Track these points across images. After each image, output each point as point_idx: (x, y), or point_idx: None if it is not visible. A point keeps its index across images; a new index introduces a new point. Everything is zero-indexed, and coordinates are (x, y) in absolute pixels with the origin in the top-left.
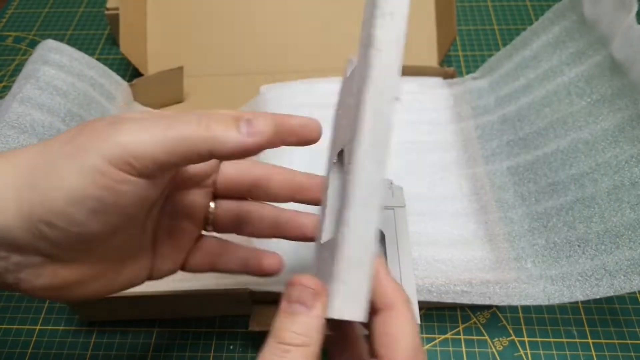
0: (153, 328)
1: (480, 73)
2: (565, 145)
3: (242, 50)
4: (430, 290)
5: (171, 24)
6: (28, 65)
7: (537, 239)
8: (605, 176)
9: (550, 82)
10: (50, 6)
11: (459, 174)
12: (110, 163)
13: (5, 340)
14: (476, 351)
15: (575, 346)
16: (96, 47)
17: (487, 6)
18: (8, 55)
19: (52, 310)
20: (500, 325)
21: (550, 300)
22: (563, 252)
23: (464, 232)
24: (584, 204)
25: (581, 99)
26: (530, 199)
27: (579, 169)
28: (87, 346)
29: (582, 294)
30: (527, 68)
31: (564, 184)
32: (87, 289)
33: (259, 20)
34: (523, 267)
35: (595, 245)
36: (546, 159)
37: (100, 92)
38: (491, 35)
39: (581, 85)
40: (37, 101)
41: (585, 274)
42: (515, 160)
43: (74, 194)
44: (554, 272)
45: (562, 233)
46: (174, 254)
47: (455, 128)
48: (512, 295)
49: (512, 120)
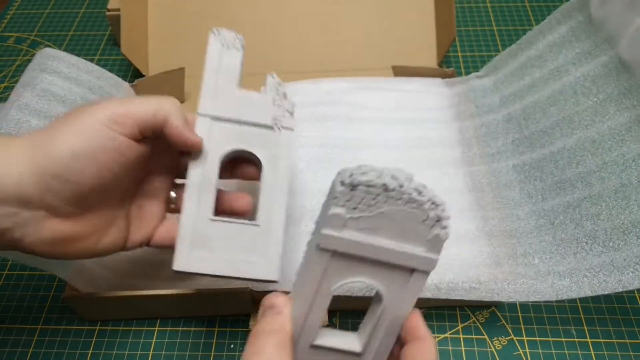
0: (154, 327)
1: (484, 72)
2: (571, 143)
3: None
4: (438, 287)
5: (172, 25)
6: (26, 74)
7: (544, 235)
8: (612, 174)
9: (556, 82)
10: (52, 7)
11: (464, 171)
12: (102, 123)
13: (7, 339)
14: (475, 350)
15: (574, 345)
16: (97, 48)
17: (486, 7)
18: (9, 56)
19: (53, 309)
20: (500, 325)
21: (558, 295)
22: (570, 249)
23: (471, 227)
24: (591, 201)
25: (587, 98)
26: (536, 197)
27: (585, 167)
28: (88, 345)
29: (591, 289)
30: (532, 67)
31: (571, 182)
32: (79, 246)
33: (260, 21)
34: (530, 263)
35: (603, 242)
36: (552, 157)
37: (100, 94)
38: (490, 36)
39: (587, 84)
40: (35, 107)
41: (594, 270)
42: (521, 159)
43: (75, 149)
44: (562, 269)
45: (569, 230)
46: (143, 228)
47: (459, 126)
48: (520, 291)
49: (518, 119)
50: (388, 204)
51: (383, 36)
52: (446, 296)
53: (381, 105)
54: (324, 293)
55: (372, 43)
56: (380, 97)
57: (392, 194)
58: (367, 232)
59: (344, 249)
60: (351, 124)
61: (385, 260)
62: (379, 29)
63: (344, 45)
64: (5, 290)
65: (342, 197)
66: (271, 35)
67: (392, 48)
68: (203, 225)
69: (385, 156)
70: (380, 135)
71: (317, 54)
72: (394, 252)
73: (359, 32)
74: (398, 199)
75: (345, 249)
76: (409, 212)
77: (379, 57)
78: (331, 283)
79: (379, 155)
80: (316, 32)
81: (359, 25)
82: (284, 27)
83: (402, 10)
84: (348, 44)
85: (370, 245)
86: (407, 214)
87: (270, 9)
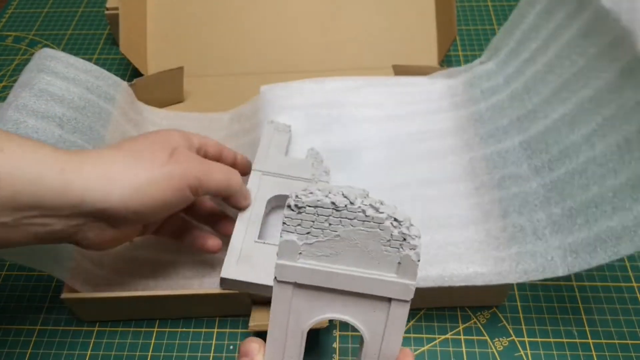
0: (153, 328)
1: (486, 56)
2: (571, 107)
3: (242, 50)
4: (442, 276)
5: (171, 23)
6: (24, 74)
7: (553, 208)
8: (613, 129)
9: (550, 48)
10: (50, 6)
11: (471, 156)
12: (189, 188)
13: (5, 340)
14: (476, 351)
15: (576, 346)
16: (96, 47)
17: (487, 6)
18: (8, 55)
19: (52, 310)
20: (501, 326)
21: (570, 269)
22: (580, 217)
23: (477, 212)
24: (595, 162)
25: (581, 57)
26: (543, 169)
27: (588, 127)
28: (87, 346)
29: (605, 256)
30: (528, 40)
31: (575, 147)
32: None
33: (259, 20)
34: (540, 239)
35: (611, 204)
36: (555, 125)
37: (98, 94)
38: (491, 35)
39: (579, 42)
40: (33, 108)
41: (605, 235)
42: (527, 134)
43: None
44: (573, 239)
45: (577, 197)
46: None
47: (465, 113)
48: (530, 271)
49: (520, 94)
50: (342, 224)
51: (383, 35)
52: (450, 284)
53: (385, 102)
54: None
55: (372, 42)
56: (384, 94)
57: (344, 214)
58: (327, 260)
59: (304, 280)
60: (355, 126)
61: (354, 291)
62: (379, 28)
63: (345, 45)
64: (4, 290)
65: (290, 223)
66: (271, 34)
67: (392, 47)
68: (248, 246)
69: (388, 154)
70: (384, 134)
71: (317, 53)
72: (361, 279)
73: (360, 31)
74: (352, 218)
75: (305, 280)
76: (367, 233)
77: (379, 57)
78: (300, 322)
79: (382, 154)
80: (316, 32)
81: (360, 24)
82: (284, 27)
83: (403, 9)
84: (348, 43)
85: (331, 273)
86: (366, 234)
87: (271, 8)
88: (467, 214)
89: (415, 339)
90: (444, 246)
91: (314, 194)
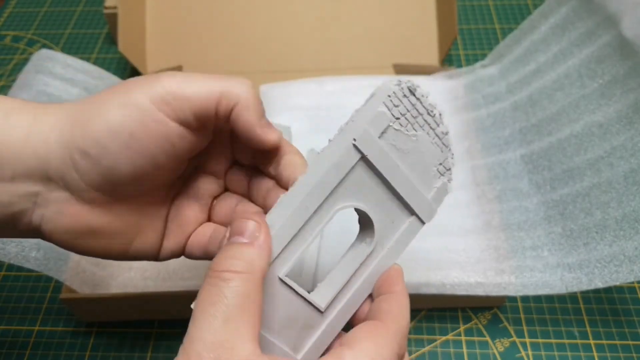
0: (152, 329)
1: (489, 60)
2: (578, 129)
3: (241, 49)
4: (444, 283)
5: (170, 23)
6: (22, 76)
7: (553, 227)
8: (621, 159)
9: (560, 65)
10: (49, 5)
11: (471, 165)
12: (151, 100)
13: (4, 341)
14: (477, 352)
15: (577, 347)
16: (94, 47)
17: (488, 5)
18: (6, 54)
19: (50, 310)
20: (502, 326)
21: (567, 288)
22: (580, 239)
23: (478, 221)
24: (600, 189)
25: (593, 81)
26: (545, 187)
27: (594, 153)
28: (85, 347)
29: (602, 280)
30: (537, 52)
31: (580, 170)
32: (103, 244)
33: (259, 20)
34: (539, 255)
35: (614, 231)
36: (560, 144)
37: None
38: (492, 34)
39: (592, 66)
40: None
41: (604, 261)
42: (529, 148)
43: (112, 124)
44: (572, 260)
45: (579, 220)
46: (179, 235)
47: (466, 118)
48: (528, 285)
49: (524, 106)
50: (424, 129)
51: (384, 34)
52: (451, 292)
53: None
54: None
55: (373, 41)
56: None
57: (430, 120)
58: (398, 152)
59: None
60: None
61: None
62: (380, 26)
63: (345, 44)
64: (2, 291)
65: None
66: (271, 33)
67: (393, 46)
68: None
69: None
70: None
71: (317, 52)
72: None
73: (360, 30)
74: (433, 127)
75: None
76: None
77: (380, 55)
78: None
79: None
80: (317, 31)
81: (360, 23)
82: (284, 26)
83: (404, 8)
84: (349, 42)
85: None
86: (433, 148)
87: (270, 7)
88: (468, 222)
89: (416, 340)
90: (445, 253)
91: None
